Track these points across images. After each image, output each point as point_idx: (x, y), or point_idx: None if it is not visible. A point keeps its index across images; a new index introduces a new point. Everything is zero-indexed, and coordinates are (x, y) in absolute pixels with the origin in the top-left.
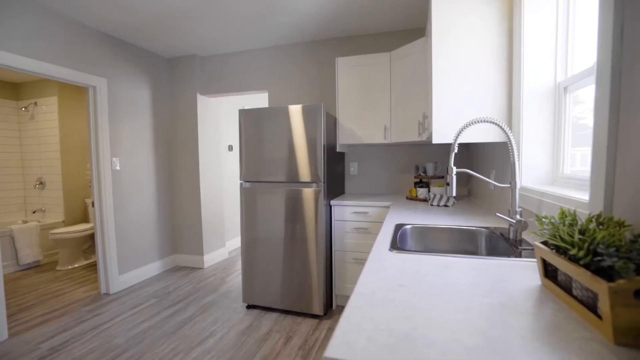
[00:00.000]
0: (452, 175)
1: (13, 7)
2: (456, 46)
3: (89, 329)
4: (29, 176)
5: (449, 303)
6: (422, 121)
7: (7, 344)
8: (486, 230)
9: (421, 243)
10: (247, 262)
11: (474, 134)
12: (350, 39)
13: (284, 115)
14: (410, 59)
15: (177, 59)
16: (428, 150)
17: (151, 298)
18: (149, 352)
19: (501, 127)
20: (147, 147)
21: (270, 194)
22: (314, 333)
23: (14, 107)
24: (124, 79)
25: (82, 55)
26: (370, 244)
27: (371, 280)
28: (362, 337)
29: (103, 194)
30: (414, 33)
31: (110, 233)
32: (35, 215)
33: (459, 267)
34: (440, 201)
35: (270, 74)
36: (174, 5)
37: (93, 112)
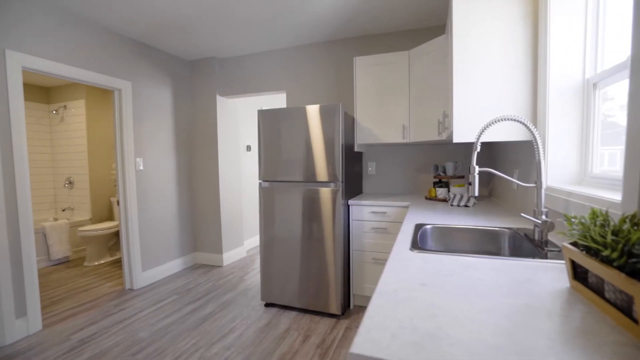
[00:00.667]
0: (474, 175)
1: (45, 15)
2: (478, 43)
3: (114, 323)
4: (59, 176)
5: (472, 303)
6: (442, 120)
7: (41, 334)
8: (509, 230)
9: (442, 243)
10: (265, 261)
11: (497, 132)
12: (368, 39)
13: (302, 115)
14: (430, 57)
15: (197, 61)
16: (447, 149)
17: (173, 294)
18: (172, 347)
19: (526, 125)
20: (169, 148)
21: (289, 194)
22: (331, 332)
23: (46, 110)
24: (147, 81)
25: (108, 60)
26: (389, 244)
27: (393, 279)
28: (386, 335)
29: (128, 193)
30: (433, 31)
31: (134, 231)
32: (64, 213)
33: (482, 268)
34: (460, 201)
35: (287, 74)
36: (192, 10)
37: (118, 114)
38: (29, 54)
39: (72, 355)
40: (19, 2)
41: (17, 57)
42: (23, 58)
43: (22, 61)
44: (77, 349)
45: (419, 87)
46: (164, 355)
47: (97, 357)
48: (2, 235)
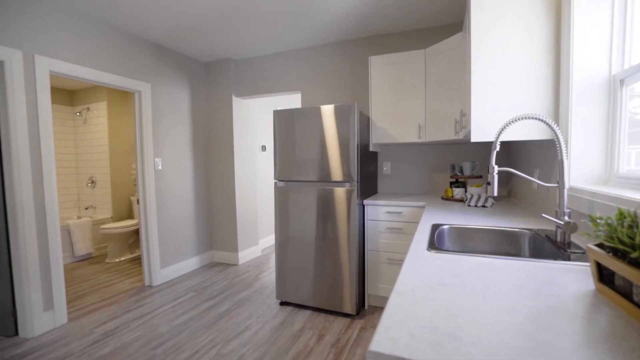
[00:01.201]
0: (493, 175)
1: (70, 21)
2: (496, 39)
3: (135, 318)
4: (82, 175)
5: (492, 304)
6: (459, 119)
7: (66, 327)
8: (529, 231)
9: (459, 244)
10: (280, 260)
11: (517, 131)
12: (383, 38)
13: (317, 115)
14: (447, 56)
15: (213, 62)
16: (464, 149)
17: (190, 292)
18: (190, 342)
19: (548, 123)
20: (186, 148)
21: (304, 193)
22: (346, 332)
23: (70, 112)
24: (166, 83)
25: (129, 62)
26: (404, 244)
27: (411, 279)
28: (405, 334)
29: (147, 193)
30: (450, 29)
31: (153, 229)
32: (87, 211)
33: (502, 269)
34: (478, 201)
35: (302, 74)
36: (209, 13)
37: (138, 115)
38: (56, 58)
39: (95, 348)
40: (47, 10)
41: (45, 62)
42: (50, 62)
43: (50, 65)
44: (100, 342)
45: (436, 85)
46: (182, 350)
47: (119, 350)
48: (31, 233)
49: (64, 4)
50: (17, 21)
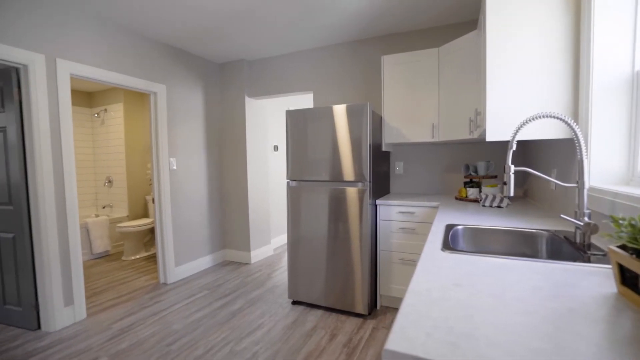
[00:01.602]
0: (509, 174)
1: (89, 25)
2: (513, 37)
3: (150, 315)
4: (100, 175)
5: (510, 305)
6: (474, 118)
7: (85, 323)
8: (547, 232)
9: (474, 244)
10: (293, 259)
11: (534, 130)
12: (395, 37)
13: (329, 115)
14: (461, 54)
15: (227, 63)
16: (479, 148)
17: (203, 289)
18: (203, 340)
19: (567, 122)
20: (200, 148)
21: (316, 193)
22: (358, 332)
23: (88, 113)
24: (181, 84)
25: (145, 64)
26: (417, 244)
27: (425, 279)
28: (421, 333)
29: (162, 192)
30: (464, 26)
31: (168, 228)
32: (104, 210)
33: (519, 270)
34: (493, 202)
35: (315, 74)
36: (223, 16)
37: (154, 116)
38: (76, 61)
39: (113, 343)
40: (67, 15)
41: (66, 65)
42: (71, 65)
43: (70, 68)
44: (118, 337)
45: (449, 84)
46: (197, 347)
47: (136, 346)
48: (53, 231)
49: (84, 9)
50: (40, 26)
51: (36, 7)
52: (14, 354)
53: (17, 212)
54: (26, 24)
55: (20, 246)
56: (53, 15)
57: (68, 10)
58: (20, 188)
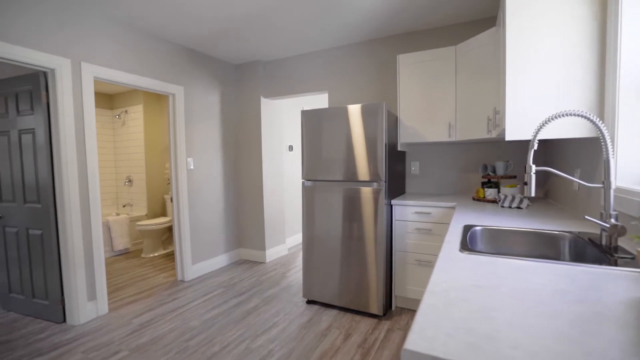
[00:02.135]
0: (530, 174)
1: (111, 30)
2: (534, 33)
3: (169, 311)
4: (120, 174)
5: (532, 308)
6: (493, 117)
7: (107, 317)
8: (570, 234)
9: (493, 246)
10: (307, 258)
11: (557, 129)
12: (410, 35)
13: (344, 115)
14: (479, 52)
15: (243, 65)
16: (496, 148)
17: (219, 287)
18: (219, 336)
19: (593, 120)
20: (216, 148)
21: (331, 193)
22: (373, 332)
23: (110, 115)
24: (198, 85)
25: (164, 67)
26: (433, 245)
27: (444, 279)
28: (440, 334)
29: (180, 191)
30: (482, 24)
31: (185, 226)
32: (124, 208)
33: (541, 272)
34: (512, 203)
35: (330, 75)
36: (239, 18)
37: (172, 117)
38: (99, 64)
39: (134, 337)
40: (91, 20)
41: (90, 68)
42: (94, 69)
43: (94, 72)
44: (138, 332)
45: (467, 83)
46: (213, 343)
47: (155, 340)
48: (77, 228)
49: (107, 14)
50: (66, 31)
51: (62, 14)
52: (41, 345)
53: (44, 210)
54: (53, 30)
55: (48, 242)
56: (78, 20)
57: (91, 15)
58: (48, 187)
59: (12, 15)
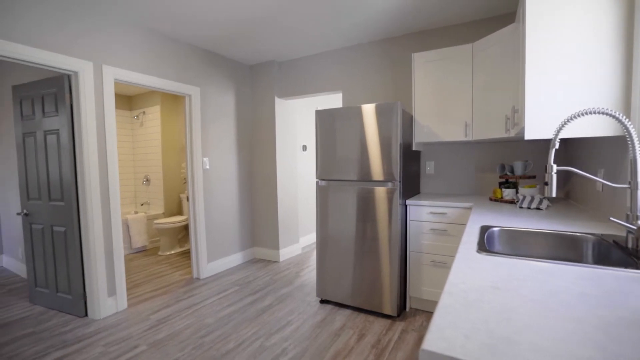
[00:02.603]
0: (551, 174)
1: (130, 33)
2: (555, 28)
3: (185, 308)
4: (138, 174)
5: (554, 311)
6: (511, 116)
7: (126, 313)
8: (593, 236)
9: (511, 247)
10: (321, 258)
11: (579, 127)
12: (425, 34)
13: (358, 114)
14: (496, 49)
15: (257, 65)
16: (514, 147)
17: (234, 286)
18: (234, 334)
19: (618, 118)
20: (231, 148)
21: (345, 192)
22: (387, 333)
23: (128, 116)
24: (213, 86)
25: (181, 68)
26: (449, 246)
27: (461, 280)
28: (459, 335)
29: (196, 190)
30: (500, 20)
31: (201, 225)
32: (142, 207)
33: (563, 275)
34: (531, 203)
35: (343, 74)
36: (252, 19)
37: (189, 117)
38: (119, 67)
39: (152, 333)
40: (112, 23)
41: (111, 71)
42: (115, 71)
43: (115, 74)
44: (155, 327)
45: (484, 81)
46: (228, 340)
47: (172, 336)
48: (98, 225)
49: (126, 18)
50: (89, 35)
51: (85, 19)
52: (66, 338)
53: (68, 208)
54: (77, 35)
55: (71, 239)
56: (99, 24)
57: (112, 19)
58: (71, 185)
59: (38, 21)
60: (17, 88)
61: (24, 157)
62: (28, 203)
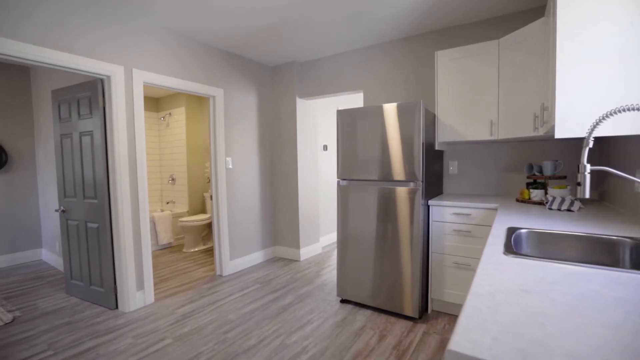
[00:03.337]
0: (585, 174)
1: (157, 37)
2: (589, 21)
3: (208, 303)
4: (164, 173)
5: (588, 316)
6: (540, 114)
7: (153, 307)
8: (631, 240)
9: (540, 250)
10: (342, 258)
11: (616, 125)
12: (449, 31)
13: (379, 114)
14: (524, 45)
15: (279, 66)
16: (543, 146)
17: (255, 283)
18: (256, 330)
19: None
20: (253, 148)
21: (366, 192)
22: (408, 335)
23: (155, 117)
24: (236, 87)
25: (206, 70)
26: (473, 248)
27: (488, 282)
28: (487, 337)
29: (219, 189)
30: (527, 15)
31: (224, 223)
32: (168, 205)
33: (597, 279)
34: (562, 205)
35: (365, 73)
36: (274, 22)
37: (212, 118)
38: (148, 70)
39: (177, 326)
40: (141, 28)
41: (140, 74)
42: (144, 75)
43: (144, 77)
44: (181, 321)
45: (511, 78)
46: (250, 337)
47: (196, 330)
48: (128, 222)
49: (154, 23)
50: (120, 40)
51: (115, 24)
52: (98, 329)
53: (100, 205)
54: (110, 40)
55: (103, 235)
56: (129, 30)
57: (141, 25)
58: (103, 184)
59: (76, 29)
60: (55, 92)
61: (62, 157)
62: (65, 200)
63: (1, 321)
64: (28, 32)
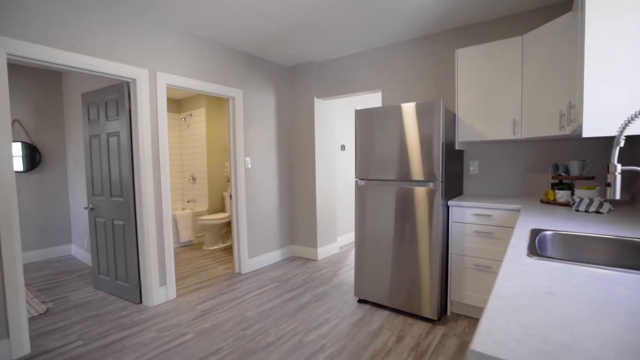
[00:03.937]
0: (615, 175)
1: (179, 40)
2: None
3: (227, 300)
4: (185, 173)
5: (617, 321)
6: (567, 112)
7: (175, 302)
8: None
9: (565, 252)
10: (359, 258)
11: None
12: (469, 28)
13: (398, 113)
14: (549, 41)
15: (297, 66)
16: (569, 146)
17: (273, 282)
18: (274, 328)
19: None
20: (271, 148)
21: (385, 192)
22: (427, 337)
23: (177, 118)
24: (255, 88)
25: (225, 72)
26: (494, 249)
27: (511, 284)
28: (510, 339)
29: (239, 189)
30: (552, 10)
31: (242, 222)
32: (189, 204)
33: (626, 283)
34: (589, 206)
35: (383, 73)
36: (292, 23)
37: (232, 119)
38: (170, 73)
39: (198, 322)
40: (164, 32)
41: (164, 77)
42: (167, 77)
43: (167, 80)
44: (201, 317)
45: (535, 76)
46: (268, 334)
47: (216, 327)
48: (152, 220)
49: (177, 27)
50: (145, 44)
51: (140, 28)
52: (124, 322)
53: (126, 203)
54: (136, 45)
55: (128, 232)
56: (153, 34)
57: (164, 29)
58: (129, 183)
59: (105, 36)
60: (85, 95)
61: (90, 157)
62: (93, 198)
63: (36, 312)
64: (64, 40)
